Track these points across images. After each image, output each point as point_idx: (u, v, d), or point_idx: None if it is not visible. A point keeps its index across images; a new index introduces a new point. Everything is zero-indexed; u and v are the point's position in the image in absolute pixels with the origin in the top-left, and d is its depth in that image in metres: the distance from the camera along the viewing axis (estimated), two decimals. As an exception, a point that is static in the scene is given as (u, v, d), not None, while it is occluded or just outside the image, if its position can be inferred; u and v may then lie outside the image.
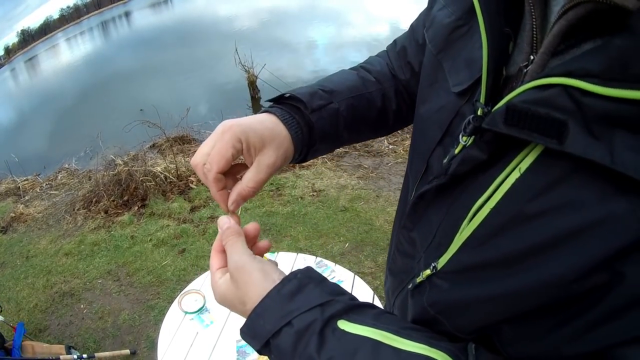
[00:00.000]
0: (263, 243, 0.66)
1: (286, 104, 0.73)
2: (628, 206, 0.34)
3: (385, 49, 0.94)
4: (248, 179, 0.63)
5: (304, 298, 0.53)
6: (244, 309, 0.56)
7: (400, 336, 0.50)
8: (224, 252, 0.63)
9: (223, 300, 0.60)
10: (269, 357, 0.56)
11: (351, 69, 0.88)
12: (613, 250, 0.35)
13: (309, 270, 0.58)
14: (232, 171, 0.65)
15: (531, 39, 0.48)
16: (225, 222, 0.64)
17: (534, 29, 0.48)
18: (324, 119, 0.74)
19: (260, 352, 0.56)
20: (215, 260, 0.63)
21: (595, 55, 0.36)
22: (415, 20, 0.82)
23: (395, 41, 0.90)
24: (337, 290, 0.57)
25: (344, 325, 0.52)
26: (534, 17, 0.48)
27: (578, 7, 0.40)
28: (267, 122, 0.67)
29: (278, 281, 0.56)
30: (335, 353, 0.49)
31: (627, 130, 0.34)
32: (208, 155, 0.61)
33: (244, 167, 0.66)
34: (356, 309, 0.54)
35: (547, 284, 0.40)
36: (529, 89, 0.41)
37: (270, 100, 0.74)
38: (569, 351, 0.41)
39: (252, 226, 0.66)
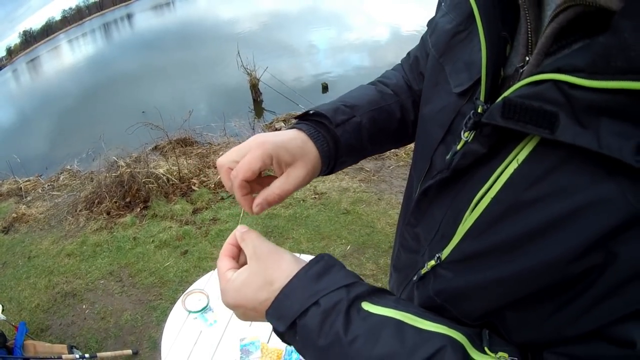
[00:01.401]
0: None
1: (311, 120, 0.77)
2: (617, 188, 0.38)
3: (400, 61, 0.98)
4: (276, 187, 0.66)
5: (330, 279, 0.56)
6: (271, 289, 0.57)
7: (422, 317, 0.53)
8: (232, 257, 0.66)
9: (240, 292, 0.60)
10: (292, 342, 0.58)
11: (369, 83, 0.92)
12: (605, 230, 0.39)
13: (332, 256, 0.61)
14: (259, 180, 0.69)
15: (526, 42, 0.51)
16: (245, 227, 0.67)
17: (529, 32, 0.51)
18: (348, 133, 0.78)
19: (284, 337, 0.58)
20: (224, 262, 0.66)
21: (582, 52, 0.40)
22: (425, 32, 0.85)
23: (408, 53, 0.94)
24: (358, 276, 0.60)
25: (367, 306, 0.54)
26: (528, 21, 0.51)
27: (568, 10, 0.43)
28: (297, 140, 0.70)
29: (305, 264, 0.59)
30: (361, 332, 0.52)
31: (611, 118, 0.37)
32: (235, 163, 0.65)
33: (272, 178, 0.69)
34: (378, 293, 0.58)
35: (545, 267, 0.44)
36: (524, 85, 0.44)
37: (296, 117, 0.78)
38: (570, 332, 0.45)
39: None
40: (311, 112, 0.77)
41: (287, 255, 0.61)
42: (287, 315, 0.55)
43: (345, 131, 0.77)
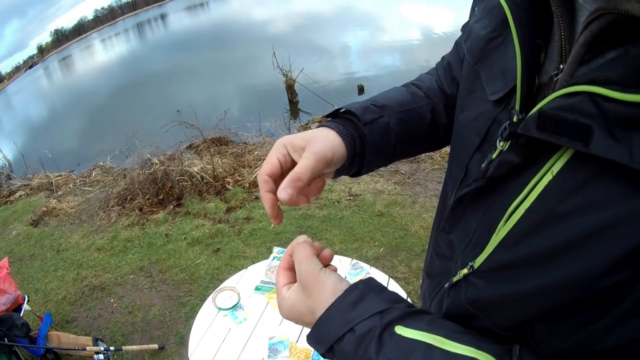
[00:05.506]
0: (326, 252, 0.73)
1: (341, 118, 0.82)
2: None
3: (435, 65, 1.02)
4: (296, 166, 0.69)
5: (364, 307, 0.61)
6: (313, 317, 0.64)
7: (450, 339, 0.56)
8: (290, 269, 0.72)
9: (291, 311, 0.68)
10: None
11: (402, 85, 0.96)
12: (634, 246, 0.40)
13: (370, 280, 0.66)
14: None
15: (560, 49, 0.54)
16: (302, 237, 0.72)
17: (563, 40, 0.53)
18: (375, 132, 0.82)
19: (324, 356, 0.64)
20: (281, 277, 0.71)
21: (615, 64, 0.42)
22: (460, 37, 0.88)
23: (443, 57, 0.99)
24: (395, 299, 0.64)
25: (400, 330, 0.58)
26: (562, 28, 0.53)
27: (600, 19, 0.44)
28: (315, 131, 0.76)
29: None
30: (392, 356, 0.56)
31: None
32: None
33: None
34: (412, 315, 0.61)
35: (576, 280, 0.45)
36: (558, 97, 0.46)
37: (327, 115, 0.84)
38: (598, 347, 0.46)
39: (327, 252, 0.73)
40: (341, 110, 0.83)
41: (329, 282, 0.65)
42: (325, 340, 0.62)
43: (372, 130, 0.81)
